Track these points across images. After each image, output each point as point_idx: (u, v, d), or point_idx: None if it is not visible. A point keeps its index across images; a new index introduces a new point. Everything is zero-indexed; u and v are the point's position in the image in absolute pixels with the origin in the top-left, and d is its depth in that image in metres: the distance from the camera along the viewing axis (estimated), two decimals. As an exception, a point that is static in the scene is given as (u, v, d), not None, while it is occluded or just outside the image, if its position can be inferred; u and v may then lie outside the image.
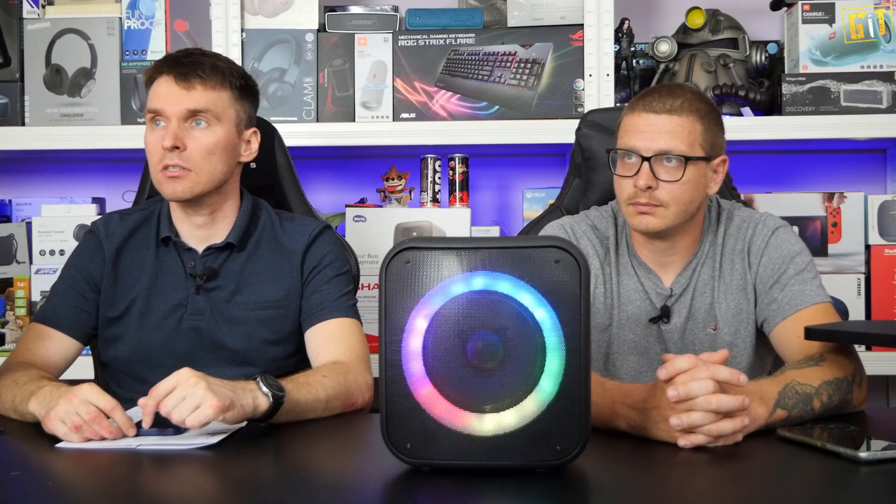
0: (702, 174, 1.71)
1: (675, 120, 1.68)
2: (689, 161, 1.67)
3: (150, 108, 1.73)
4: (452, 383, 1.20)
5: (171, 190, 1.72)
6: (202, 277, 1.77)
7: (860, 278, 2.52)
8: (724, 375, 1.33)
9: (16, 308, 2.59)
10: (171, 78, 1.72)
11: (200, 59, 1.74)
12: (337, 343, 1.75)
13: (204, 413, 1.35)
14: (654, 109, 1.69)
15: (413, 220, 2.52)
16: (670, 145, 1.67)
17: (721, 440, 1.33)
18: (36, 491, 1.21)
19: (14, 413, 1.55)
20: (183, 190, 1.72)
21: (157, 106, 1.72)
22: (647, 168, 1.68)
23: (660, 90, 1.72)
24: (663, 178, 1.68)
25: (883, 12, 2.48)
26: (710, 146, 1.71)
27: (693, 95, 1.72)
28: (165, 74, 1.73)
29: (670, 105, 1.69)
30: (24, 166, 2.88)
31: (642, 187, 1.68)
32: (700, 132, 1.69)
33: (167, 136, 1.69)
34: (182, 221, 1.80)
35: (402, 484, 1.20)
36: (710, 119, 1.71)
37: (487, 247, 1.21)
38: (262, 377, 1.47)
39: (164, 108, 1.71)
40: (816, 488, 1.21)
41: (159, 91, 1.73)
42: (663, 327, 1.78)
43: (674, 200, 1.69)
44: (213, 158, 1.73)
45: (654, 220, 1.70)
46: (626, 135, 1.72)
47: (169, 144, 1.69)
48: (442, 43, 2.53)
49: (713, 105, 1.75)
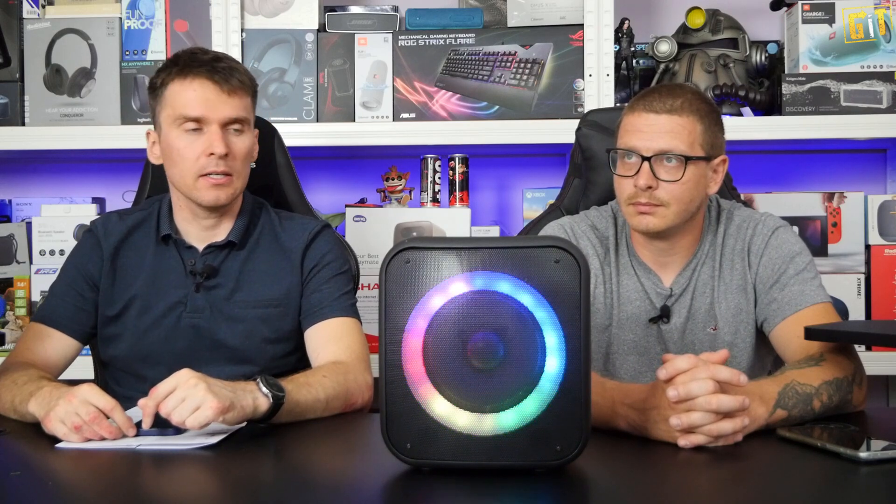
0: (702, 174, 1.71)
1: (675, 120, 1.68)
2: (689, 161, 1.67)
3: (187, 115, 1.70)
4: (452, 383, 1.20)
5: (213, 196, 1.72)
6: (202, 275, 1.77)
7: (860, 278, 2.52)
8: (725, 375, 1.33)
9: (16, 308, 2.59)
10: (210, 83, 1.70)
11: (232, 64, 1.74)
12: (337, 343, 1.75)
13: (204, 414, 1.35)
14: (654, 109, 1.69)
15: (413, 220, 2.52)
16: (670, 145, 1.67)
17: (721, 440, 1.33)
18: (36, 491, 1.21)
19: (14, 413, 1.55)
20: (226, 196, 1.73)
21: (198, 113, 1.69)
22: (647, 168, 1.68)
23: (660, 90, 1.72)
24: (663, 178, 1.68)
25: (883, 12, 2.48)
26: (710, 146, 1.71)
27: (693, 95, 1.72)
28: (202, 79, 1.70)
29: (670, 105, 1.68)
30: (24, 166, 2.88)
31: (642, 187, 1.68)
32: (700, 132, 1.69)
33: (217, 144, 1.68)
34: (189, 223, 1.80)
35: (402, 484, 1.20)
36: (710, 119, 1.71)
37: (487, 247, 1.21)
38: (262, 378, 1.47)
39: (207, 115, 1.70)
40: (816, 488, 1.21)
41: (196, 97, 1.69)
42: (663, 327, 1.78)
43: (674, 200, 1.69)
44: (247, 163, 1.77)
45: (654, 219, 1.70)
46: (626, 134, 1.72)
47: (222, 151, 1.69)
48: (442, 43, 2.53)
49: (713, 105, 1.75)
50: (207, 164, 1.70)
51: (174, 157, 1.72)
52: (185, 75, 1.71)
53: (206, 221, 1.79)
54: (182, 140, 1.71)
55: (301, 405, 1.52)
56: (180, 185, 1.74)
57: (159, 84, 1.74)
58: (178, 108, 1.71)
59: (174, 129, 1.72)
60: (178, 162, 1.72)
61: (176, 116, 1.71)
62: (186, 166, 1.71)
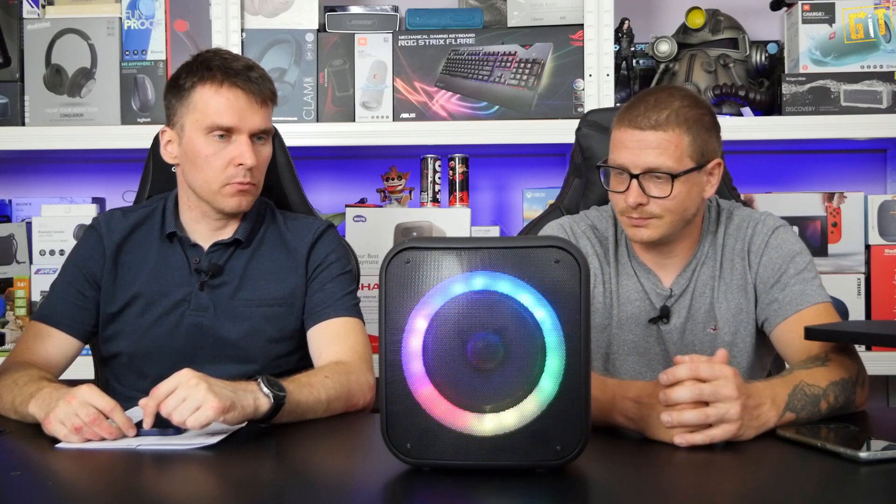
0: (694, 182, 1.69)
1: (660, 136, 1.65)
2: (678, 177, 1.66)
3: (220, 125, 1.69)
4: (452, 383, 1.20)
5: (236, 203, 1.73)
6: (207, 273, 1.77)
7: (860, 278, 2.52)
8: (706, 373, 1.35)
9: (16, 308, 2.59)
10: (242, 93, 1.70)
11: (263, 74, 1.74)
12: (340, 342, 1.75)
13: (205, 414, 1.35)
14: (639, 125, 1.66)
15: (413, 220, 2.52)
16: (657, 162, 1.65)
17: (719, 436, 1.34)
18: (36, 491, 1.21)
19: (14, 414, 1.55)
20: (247, 204, 1.76)
21: (231, 123, 1.69)
22: (635, 185, 1.66)
23: (646, 101, 1.68)
24: (653, 195, 1.66)
25: (883, 12, 2.48)
26: (700, 154, 1.68)
27: (681, 103, 1.67)
28: (236, 89, 1.69)
29: (655, 120, 1.65)
30: (24, 166, 2.88)
31: (632, 205, 1.67)
32: (688, 144, 1.66)
33: (248, 155, 1.69)
34: (197, 222, 1.80)
35: (402, 484, 1.20)
36: (699, 126, 1.67)
37: (487, 247, 1.21)
38: (264, 378, 1.47)
39: (239, 125, 1.70)
40: (816, 488, 1.21)
41: (229, 106, 1.69)
42: (663, 328, 1.78)
43: (666, 212, 1.68)
44: (265, 171, 1.79)
45: (649, 231, 1.70)
46: (614, 150, 1.71)
47: (252, 163, 1.70)
48: (442, 43, 2.53)
49: (705, 108, 1.71)
50: (235, 174, 1.71)
51: (199, 162, 1.71)
52: (218, 83, 1.70)
53: (216, 222, 1.79)
54: (210, 147, 1.71)
55: (302, 405, 1.52)
56: (202, 189, 1.74)
57: (187, 86, 1.72)
58: (209, 115, 1.70)
59: (201, 135, 1.71)
60: (203, 168, 1.72)
61: (207, 124, 1.70)
62: (213, 174, 1.71)
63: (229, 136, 1.70)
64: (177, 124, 1.75)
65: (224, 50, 1.79)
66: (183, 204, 1.81)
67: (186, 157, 1.74)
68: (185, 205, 1.80)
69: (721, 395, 1.33)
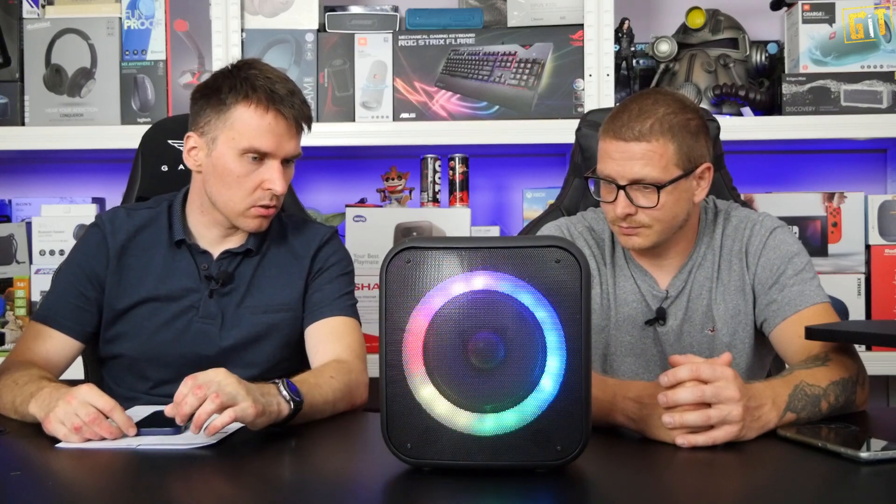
0: (682, 190, 1.68)
1: (644, 146, 1.64)
2: (664, 187, 1.65)
3: (258, 149, 1.67)
4: (452, 383, 1.20)
5: (257, 225, 1.74)
6: (218, 281, 1.76)
7: (860, 278, 2.52)
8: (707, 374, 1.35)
9: (16, 308, 2.59)
10: (283, 121, 1.68)
11: (304, 100, 1.73)
12: (338, 341, 1.75)
13: (246, 413, 1.36)
14: (623, 137, 1.65)
15: (413, 220, 2.52)
16: (642, 173, 1.64)
17: (721, 438, 1.33)
18: (36, 491, 1.21)
19: (14, 414, 1.55)
20: (267, 224, 1.77)
21: (269, 149, 1.68)
22: (623, 196, 1.66)
23: (630, 110, 1.66)
24: (641, 205, 1.66)
25: (883, 12, 2.48)
26: (686, 160, 1.66)
27: (666, 110, 1.65)
28: (279, 116, 1.68)
29: (639, 131, 1.63)
30: (24, 166, 2.88)
31: (621, 216, 1.67)
32: (673, 152, 1.65)
33: (278, 182, 1.69)
34: (207, 228, 1.79)
35: (402, 484, 1.20)
36: (684, 133, 1.65)
37: (488, 246, 1.21)
38: (282, 381, 1.47)
39: (275, 151, 1.69)
40: (816, 488, 1.21)
41: (270, 132, 1.67)
42: (659, 329, 1.77)
43: (655, 221, 1.68)
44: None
45: (640, 239, 1.70)
46: (601, 161, 1.70)
47: (282, 191, 1.70)
48: (442, 43, 2.52)
49: (692, 112, 1.68)
50: (262, 197, 1.71)
51: (229, 181, 1.70)
52: (263, 108, 1.67)
53: (227, 230, 1.79)
54: (242, 167, 1.69)
55: (313, 407, 1.53)
56: (225, 206, 1.73)
57: (228, 101, 1.68)
58: (248, 136, 1.67)
59: (235, 155, 1.69)
60: (232, 187, 1.70)
61: (244, 146, 1.68)
62: (241, 195, 1.71)
63: (262, 159, 1.69)
64: (208, 135, 1.71)
65: (266, 66, 1.74)
66: (194, 209, 1.80)
67: (214, 171, 1.71)
68: (198, 210, 1.79)
69: (723, 396, 1.33)
